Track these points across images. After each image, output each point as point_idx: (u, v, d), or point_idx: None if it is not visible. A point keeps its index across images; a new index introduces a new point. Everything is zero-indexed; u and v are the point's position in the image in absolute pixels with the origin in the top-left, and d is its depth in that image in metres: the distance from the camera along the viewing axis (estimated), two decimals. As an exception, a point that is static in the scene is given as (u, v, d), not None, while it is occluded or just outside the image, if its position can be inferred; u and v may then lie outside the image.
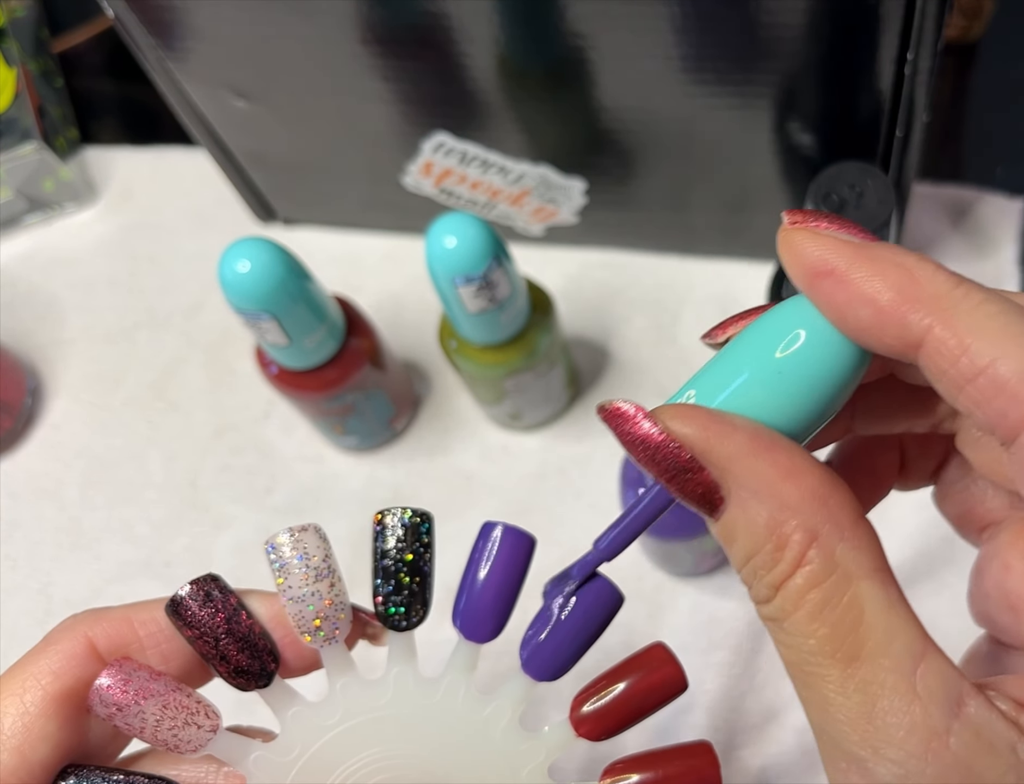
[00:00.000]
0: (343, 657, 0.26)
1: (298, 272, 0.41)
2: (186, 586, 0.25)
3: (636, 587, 0.48)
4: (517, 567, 0.26)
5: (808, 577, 0.18)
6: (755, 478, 0.19)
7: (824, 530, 0.18)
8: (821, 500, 0.18)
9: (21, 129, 0.58)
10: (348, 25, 0.42)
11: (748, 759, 0.44)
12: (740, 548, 0.19)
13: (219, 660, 0.25)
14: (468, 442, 0.52)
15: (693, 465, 0.19)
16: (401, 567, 0.26)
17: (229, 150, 0.53)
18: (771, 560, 0.19)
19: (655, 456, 0.19)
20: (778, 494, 0.19)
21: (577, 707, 0.26)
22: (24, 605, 0.51)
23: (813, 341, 0.20)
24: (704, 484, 0.19)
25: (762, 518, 0.19)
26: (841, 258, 0.19)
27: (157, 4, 0.43)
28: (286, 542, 0.25)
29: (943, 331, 0.18)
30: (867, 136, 0.44)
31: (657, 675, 0.25)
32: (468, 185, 0.52)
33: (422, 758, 0.25)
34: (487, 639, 0.26)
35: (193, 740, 0.24)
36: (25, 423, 0.56)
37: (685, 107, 0.43)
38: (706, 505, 0.19)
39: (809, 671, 0.18)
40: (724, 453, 0.19)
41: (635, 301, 0.54)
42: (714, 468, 0.19)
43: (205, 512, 0.52)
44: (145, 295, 0.59)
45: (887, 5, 0.36)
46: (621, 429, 0.20)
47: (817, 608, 0.18)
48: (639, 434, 0.20)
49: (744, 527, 0.19)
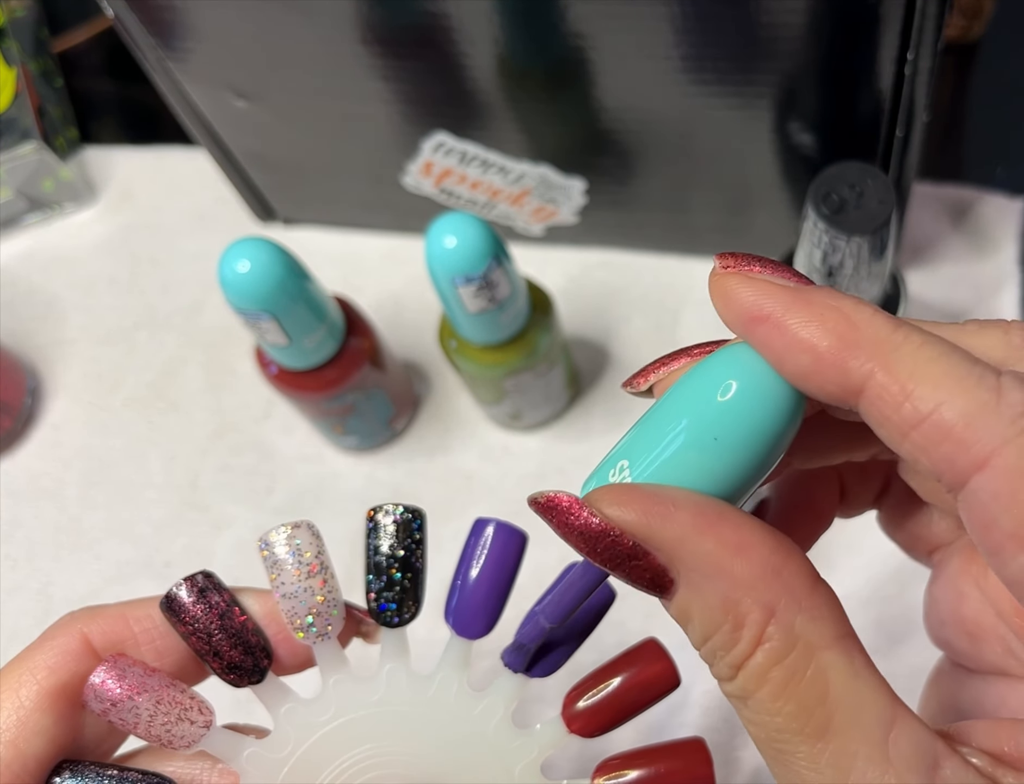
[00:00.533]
0: (336, 654, 0.26)
1: (298, 272, 0.41)
2: (180, 582, 0.25)
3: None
4: (509, 564, 0.26)
5: (769, 654, 0.18)
6: (704, 559, 0.18)
7: (781, 603, 0.18)
8: (775, 572, 0.18)
9: (21, 129, 0.58)
10: (348, 25, 0.42)
11: (748, 759, 0.44)
12: (696, 629, 0.18)
13: (212, 656, 0.25)
14: (468, 442, 0.52)
15: (637, 551, 0.18)
16: (393, 563, 0.26)
17: (229, 150, 0.53)
18: (730, 640, 0.18)
19: (596, 547, 0.18)
20: (729, 572, 0.18)
21: (569, 704, 0.26)
22: (24, 605, 0.51)
23: (747, 392, 0.19)
24: (651, 569, 0.18)
25: (716, 599, 0.18)
26: (776, 303, 0.19)
27: (157, 4, 0.43)
28: (279, 539, 0.25)
29: (884, 377, 0.17)
30: (867, 136, 0.44)
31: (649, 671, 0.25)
32: (468, 185, 0.52)
33: (415, 755, 0.25)
34: (479, 635, 0.26)
35: (186, 736, 0.24)
36: (25, 423, 0.56)
37: (685, 107, 0.43)
38: (656, 589, 0.19)
39: (779, 748, 0.18)
40: (668, 536, 0.18)
41: (635, 301, 0.54)
42: (660, 552, 0.18)
43: (205, 512, 0.52)
44: (145, 295, 0.59)
45: (887, 5, 0.36)
46: (558, 522, 0.19)
47: (781, 685, 0.18)
48: (576, 526, 0.18)
49: (698, 609, 0.18)
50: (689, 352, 0.21)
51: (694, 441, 0.19)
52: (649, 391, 0.22)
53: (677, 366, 0.21)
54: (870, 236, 0.39)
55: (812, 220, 0.40)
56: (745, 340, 0.19)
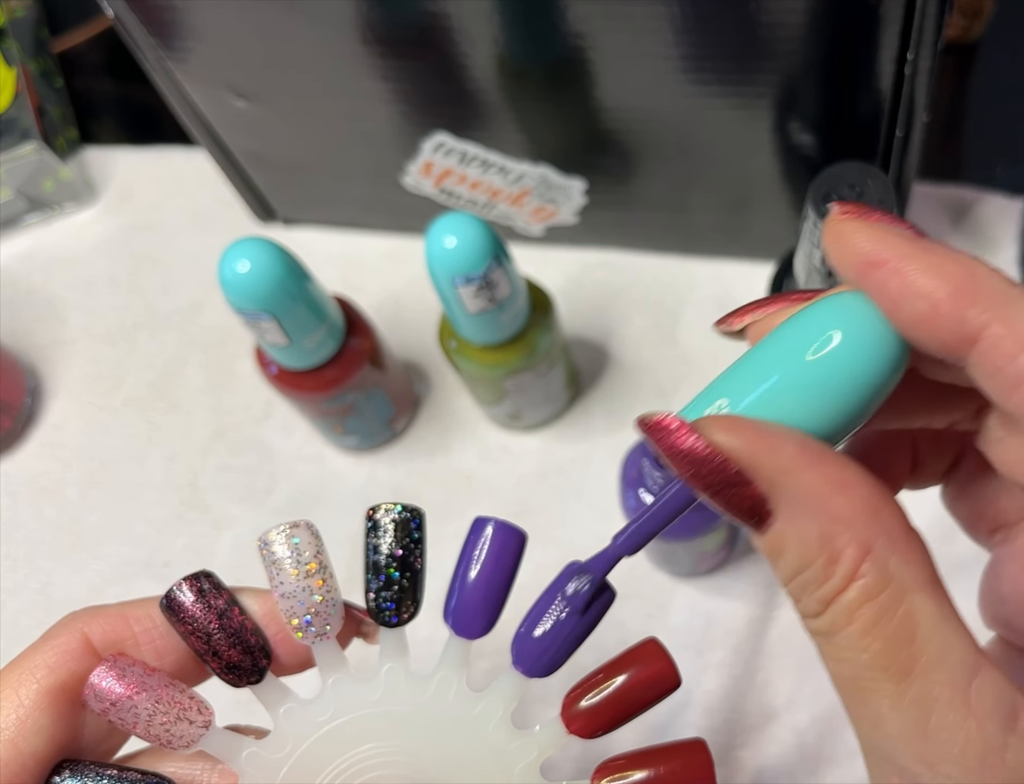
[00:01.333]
0: (335, 654, 0.26)
1: (298, 272, 0.41)
2: (180, 582, 0.25)
3: (636, 587, 0.48)
4: (508, 563, 0.26)
5: (861, 591, 0.18)
6: (806, 491, 0.18)
7: (878, 543, 0.18)
8: (873, 512, 0.18)
9: (21, 129, 0.58)
10: (348, 25, 0.42)
11: (748, 759, 0.44)
12: (788, 562, 0.19)
13: (211, 656, 0.25)
14: (468, 442, 0.52)
15: (740, 479, 0.18)
16: (392, 563, 0.26)
17: (229, 150, 0.53)
18: (823, 575, 0.18)
19: (700, 470, 0.19)
20: (830, 507, 0.18)
21: (569, 704, 0.25)
22: (24, 605, 0.51)
23: (853, 342, 0.19)
24: (751, 498, 0.18)
25: (813, 532, 0.18)
26: (895, 250, 0.19)
27: (157, 4, 0.43)
28: (278, 538, 0.25)
29: (1001, 328, 0.18)
30: (867, 136, 0.44)
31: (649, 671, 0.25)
32: (468, 185, 0.52)
33: (414, 755, 0.25)
34: (478, 635, 0.26)
35: (185, 736, 0.24)
36: (25, 423, 0.56)
37: (685, 107, 0.43)
38: (752, 518, 0.19)
39: (861, 686, 0.18)
40: (773, 466, 0.18)
41: (635, 301, 0.54)
42: (762, 481, 0.18)
43: (205, 512, 0.52)
44: (145, 295, 0.59)
45: (887, 5, 0.36)
46: (664, 443, 0.19)
47: (870, 622, 0.18)
48: (682, 448, 0.19)
49: (794, 541, 0.18)
50: (788, 297, 0.22)
51: (797, 384, 0.19)
52: (740, 333, 0.22)
53: (774, 309, 0.22)
54: (870, 236, 0.39)
55: (812, 220, 0.40)
56: (858, 285, 0.20)
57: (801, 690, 0.45)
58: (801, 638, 0.46)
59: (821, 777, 0.44)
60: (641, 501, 0.42)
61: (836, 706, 0.45)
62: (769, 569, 0.47)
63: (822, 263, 0.41)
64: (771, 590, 0.47)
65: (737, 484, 0.18)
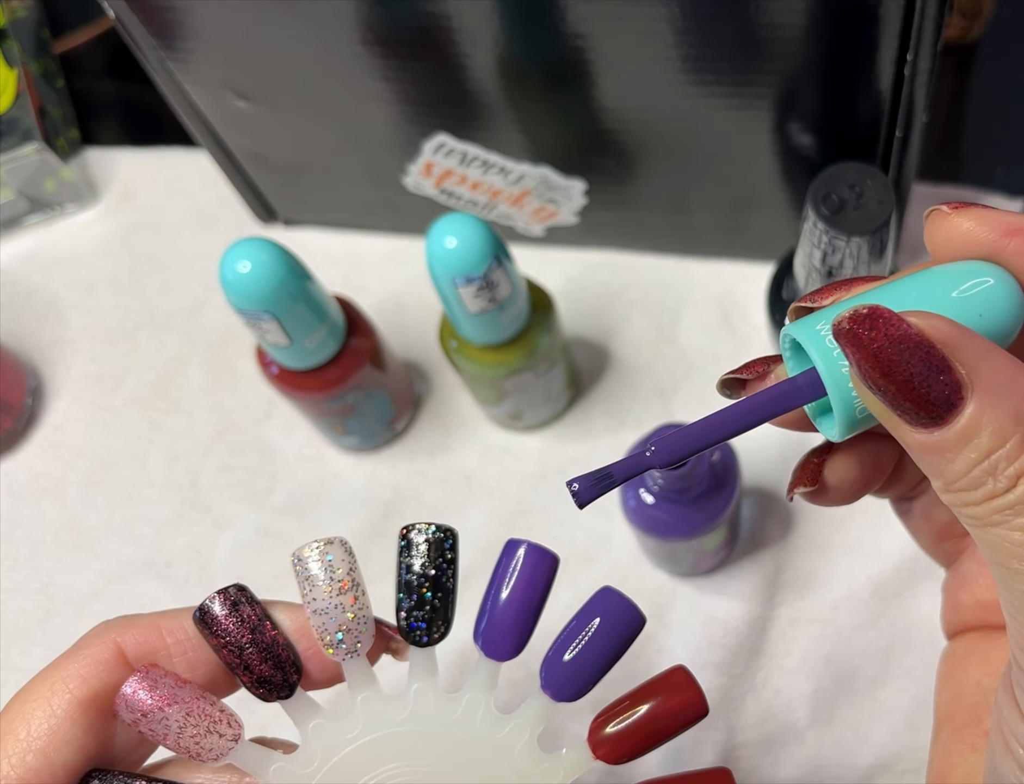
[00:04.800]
0: (365, 671, 0.26)
1: (299, 272, 0.41)
2: (214, 595, 0.25)
3: (636, 587, 0.48)
4: (540, 586, 0.26)
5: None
6: (1003, 373, 0.19)
7: None
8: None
9: (22, 130, 0.58)
10: (349, 26, 0.42)
11: (749, 759, 0.44)
12: (982, 444, 0.19)
13: (243, 669, 0.25)
14: (468, 442, 0.52)
15: (945, 365, 0.19)
16: (424, 582, 0.26)
17: (230, 151, 0.53)
18: (1017, 450, 0.19)
19: (911, 356, 0.19)
20: (1022, 389, 0.19)
21: (596, 730, 0.25)
22: (24, 605, 0.51)
23: (1002, 286, 0.21)
24: (951, 384, 0.19)
25: (1011, 410, 0.19)
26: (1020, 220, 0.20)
27: (158, 5, 0.43)
28: (312, 555, 0.25)
29: None
30: (867, 136, 0.44)
31: (678, 699, 0.25)
32: (469, 186, 0.52)
33: (440, 775, 0.25)
34: (508, 657, 0.26)
35: (215, 748, 0.24)
36: (26, 423, 0.56)
37: (685, 108, 0.43)
38: (943, 407, 0.19)
39: None
40: (976, 348, 0.19)
41: (635, 301, 0.54)
42: (963, 365, 0.19)
43: (206, 512, 0.52)
44: (146, 295, 0.59)
45: (887, 6, 0.36)
46: (878, 332, 0.19)
47: None
48: (896, 335, 0.19)
49: (992, 421, 0.19)
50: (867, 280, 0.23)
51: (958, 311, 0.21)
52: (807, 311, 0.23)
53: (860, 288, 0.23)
54: (869, 236, 0.39)
55: (812, 220, 0.40)
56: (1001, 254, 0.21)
57: (801, 690, 0.45)
58: (801, 638, 0.46)
59: (822, 777, 0.44)
60: (641, 501, 0.42)
61: (836, 706, 0.45)
62: (769, 569, 0.47)
63: (822, 263, 0.41)
64: (771, 590, 0.47)
65: (943, 370, 0.19)
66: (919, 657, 0.45)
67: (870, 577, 0.46)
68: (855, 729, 0.44)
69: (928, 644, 0.45)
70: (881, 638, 0.46)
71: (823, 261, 0.41)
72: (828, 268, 0.41)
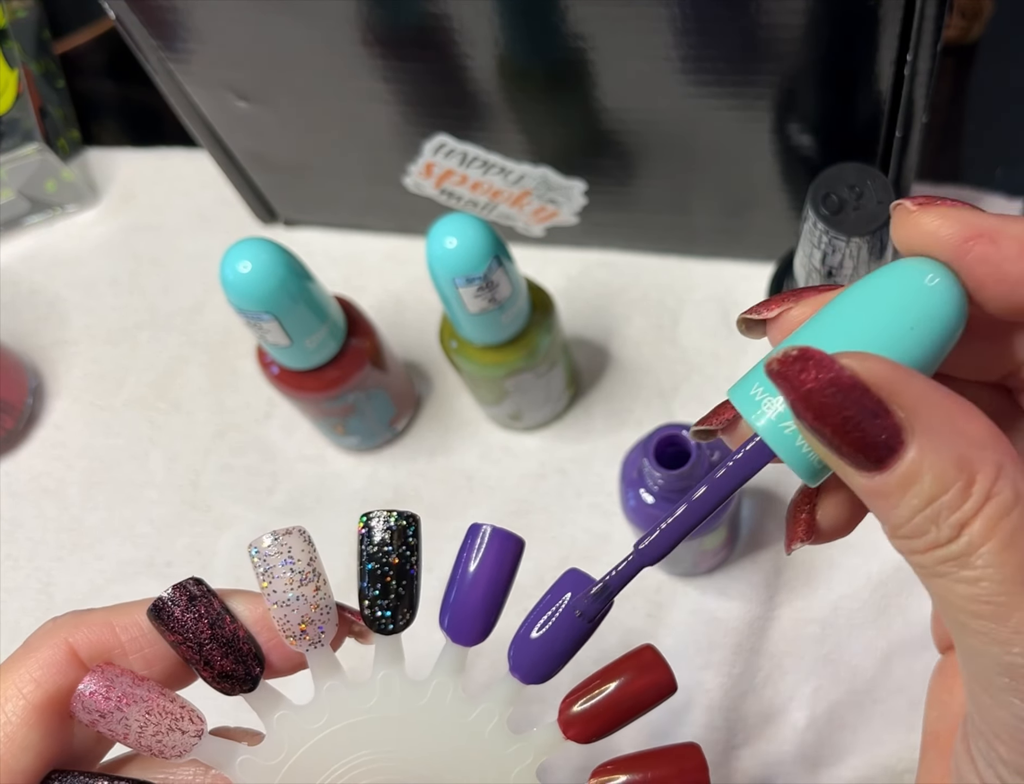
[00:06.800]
0: (329, 660, 0.25)
1: (299, 272, 0.41)
2: (168, 590, 0.24)
3: (636, 587, 0.47)
4: (505, 569, 0.26)
5: (998, 507, 0.18)
6: (943, 417, 0.19)
7: (1007, 462, 0.19)
8: (998, 435, 0.19)
9: (23, 130, 0.58)
10: (349, 26, 0.42)
11: (748, 759, 0.44)
12: (924, 490, 0.19)
13: (203, 665, 0.24)
14: (469, 442, 0.52)
15: (881, 409, 0.19)
16: (388, 571, 0.25)
17: (230, 151, 0.53)
18: (959, 498, 0.18)
19: (847, 399, 0.19)
20: (965, 432, 0.19)
21: (566, 709, 0.25)
22: (25, 604, 0.52)
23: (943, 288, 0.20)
24: (889, 428, 0.19)
25: (952, 457, 0.18)
26: (987, 222, 0.20)
27: (158, 5, 0.43)
28: (270, 546, 0.25)
29: None
30: (867, 137, 0.44)
31: (646, 678, 0.25)
32: (469, 186, 0.52)
33: (410, 761, 0.25)
34: (475, 642, 0.26)
35: (178, 745, 0.24)
36: (27, 423, 0.56)
37: (685, 108, 0.43)
38: (882, 451, 0.19)
39: (1001, 602, 0.18)
40: (915, 392, 0.19)
41: (635, 301, 0.54)
42: (902, 408, 0.19)
43: (206, 512, 0.52)
44: (146, 295, 0.59)
45: (886, 6, 0.36)
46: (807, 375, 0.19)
47: (1009, 536, 0.18)
48: (826, 379, 0.19)
49: (933, 467, 0.18)
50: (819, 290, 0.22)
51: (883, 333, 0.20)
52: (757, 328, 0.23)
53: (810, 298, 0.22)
54: (869, 237, 0.39)
55: (812, 221, 0.40)
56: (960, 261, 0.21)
57: (801, 690, 0.45)
58: (801, 638, 0.46)
59: (821, 777, 0.44)
60: (642, 501, 0.42)
61: (836, 706, 0.45)
62: (769, 569, 0.47)
63: (822, 263, 0.41)
64: (771, 590, 0.47)
65: (879, 413, 0.19)
66: (918, 657, 0.45)
67: (870, 577, 0.47)
68: (855, 729, 0.44)
69: (927, 645, 0.45)
70: (881, 638, 0.46)
71: (823, 261, 0.41)
72: (828, 268, 0.41)
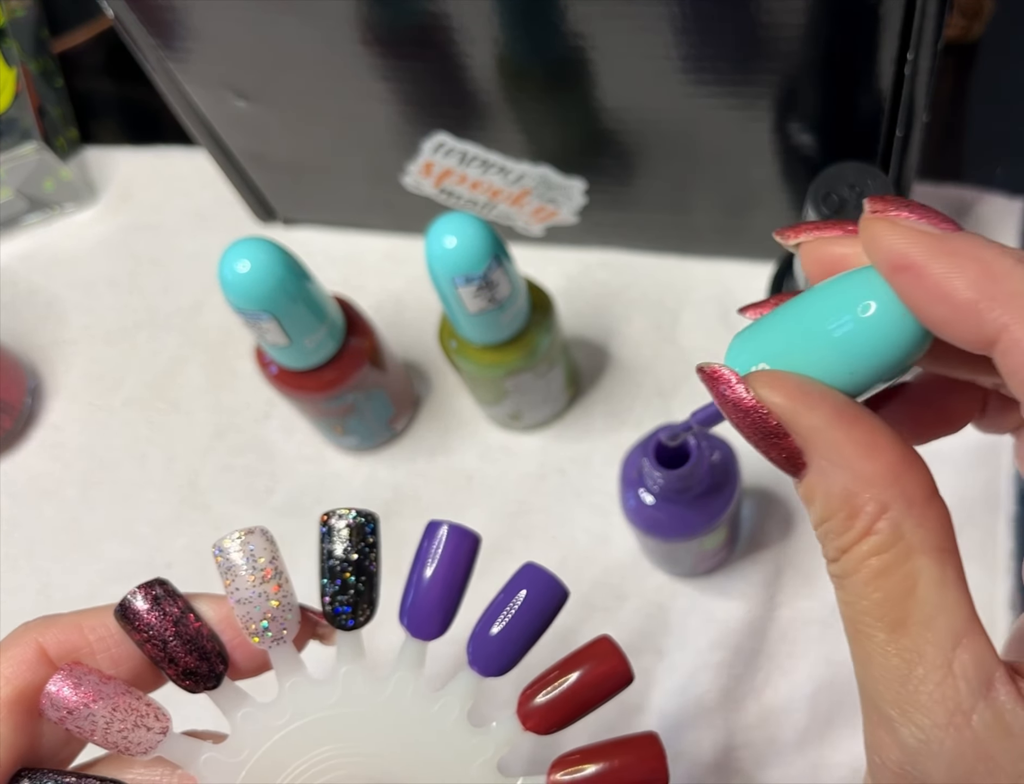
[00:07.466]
0: (292, 657, 0.26)
1: (298, 272, 0.41)
2: (135, 590, 0.25)
3: (636, 587, 0.48)
4: (462, 565, 0.27)
5: (872, 545, 0.19)
6: (835, 450, 0.20)
7: (895, 505, 0.19)
8: (895, 476, 0.19)
9: (21, 129, 0.58)
10: (348, 25, 0.42)
11: (748, 759, 0.44)
12: (816, 511, 0.20)
13: (168, 663, 0.25)
14: (468, 442, 0.52)
15: (779, 431, 0.20)
16: (347, 567, 0.26)
17: (229, 150, 0.53)
18: (842, 526, 0.20)
19: (745, 419, 0.20)
20: (855, 467, 0.19)
21: (524, 702, 0.26)
22: (24, 605, 0.51)
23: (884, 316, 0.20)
24: (788, 450, 0.20)
25: (838, 488, 0.19)
26: (919, 251, 0.19)
27: (157, 4, 0.43)
28: (233, 545, 0.26)
29: (1019, 331, 0.18)
30: (867, 136, 0.44)
31: (603, 669, 0.26)
32: (468, 185, 0.52)
33: (372, 756, 0.26)
34: (434, 636, 0.26)
35: (143, 742, 0.24)
36: (25, 423, 0.56)
37: (685, 107, 0.43)
38: (789, 467, 0.20)
39: (859, 629, 0.20)
40: (808, 424, 0.20)
41: (635, 301, 0.54)
42: (797, 436, 0.20)
43: (205, 512, 0.52)
44: (145, 295, 0.59)
45: (887, 5, 0.36)
46: (716, 391, 0.21)
47: (874, 574, 0.19)
48: (731, 398, 0.20)
49: (821, 494, 0.20)
50: (843, 226, 0.22)
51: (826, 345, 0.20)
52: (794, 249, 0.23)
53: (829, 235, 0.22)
54: (870, 236, 0.39)
55: (812, 220, 0.40)
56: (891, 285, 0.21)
57: (801, 690, 0.45)
58: (801, 638, 0.46)
59: (820, 777, 0.44)
60: (641, 501, 0.42)
61: (836, 706, 0.45)
62: (769, 569, 0.47)
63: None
64: (771, 590, 0.47)
65: (776, 435, 0.20)
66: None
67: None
68: (855, 729, 0.44)
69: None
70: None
71: (823, 261, 0.41)
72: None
